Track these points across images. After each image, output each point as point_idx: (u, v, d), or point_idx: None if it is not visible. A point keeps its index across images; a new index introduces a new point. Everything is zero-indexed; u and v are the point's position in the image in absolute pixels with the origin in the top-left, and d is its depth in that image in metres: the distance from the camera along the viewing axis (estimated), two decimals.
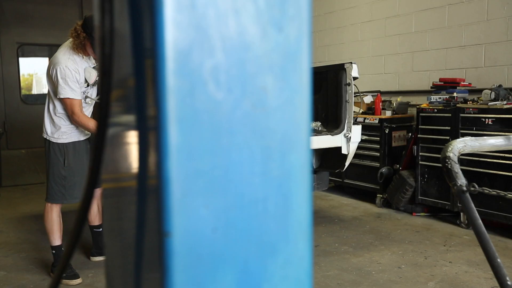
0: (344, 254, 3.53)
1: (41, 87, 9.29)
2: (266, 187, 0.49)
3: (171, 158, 0.44)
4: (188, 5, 0.43)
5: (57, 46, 9.76)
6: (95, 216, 3.44)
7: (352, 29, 6.12)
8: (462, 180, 1.44)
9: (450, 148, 1.49)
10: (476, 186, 1.43)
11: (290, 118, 0.49)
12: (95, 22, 0.51)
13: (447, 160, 1.46)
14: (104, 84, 0.52)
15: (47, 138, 3.03)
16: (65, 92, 2.87)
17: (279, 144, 0.49)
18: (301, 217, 0.51)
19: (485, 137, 1.66)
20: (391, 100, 5.14)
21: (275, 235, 0.49)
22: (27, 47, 8.49)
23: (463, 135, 3.99)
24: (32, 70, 8.90)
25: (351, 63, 3.82)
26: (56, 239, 3.12)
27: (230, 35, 0.45)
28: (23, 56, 8.42)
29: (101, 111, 0.53)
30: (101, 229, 3.49)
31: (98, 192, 3.41)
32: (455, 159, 1.47)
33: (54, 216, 3.10)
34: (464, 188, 1.44)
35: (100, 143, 0.54)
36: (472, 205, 1.46)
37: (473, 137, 1.58)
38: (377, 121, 4.86)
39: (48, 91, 3.05)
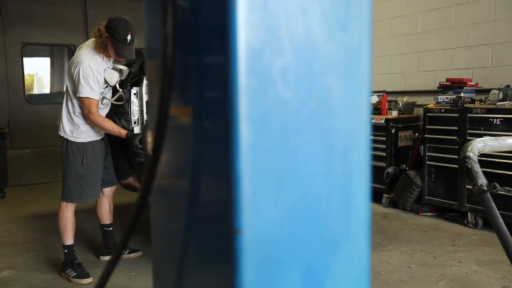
0: None
1: (41, 87, 9.29)
2: (330, 186, 0.49)
3: (242, 157, 0.45)
4: (260, 6, 0.44)
5: (61, 46, 9.80)
6: (106, 215, 3.44)
7: None
8: (482, 180, 1.45)
9: (470, 148, 1.50)
10: (498, 186, 1.43)
11: (352, 117, 0.49)
12: (162, 21, 0.51)
13: (467, 160, 1.46)
14: (166, 83, 0.52)
15: (65, 137, 3.03)
16: (85, 91, 2.88)
17: (342, 143, 0.49)
18: (362, 216, 0.51)
19: (504, 136, 1.66)
20: (397, 100, 5.15)
21: (337, 233, 0.50)
22: (28, 47, 8.48)
23: (471, 135, 4.00)
24: (33, 70, 8.89)
25: None
26: (69, 239, 3.12)
27: (298, 35, 0.46)
28: (24, 56, 8.42)
29: (161, 110, 0.54)
30: (111, 229, 3.50)
31: (111, 191, 3.42)
32: (475, 159, 1.47)
33: (69, 215, 3.10)
34: (485, 188, 1.44)
35: (158, 142, 0.55)
36: (493, 204, 1.46)
37: (492, 137, 1.58)
38: (383, 121, 4.86)
39: (67, 90, 3.05)
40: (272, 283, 0.47)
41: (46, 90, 9.16)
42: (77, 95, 2.92)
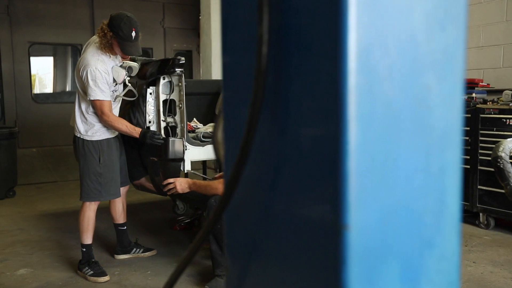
0: None
1: (43, 87, 9.29)
2: (427, 183, 0.50)
3: (351, 155, 0.45)
4: (370, 5, 0.44)
5: (68, 45, 9.80)
6: (120, 214, 3.46)
7: None
8: None
9: (501, 148, 1.50)
10: None
11: (448, 115, 0.51)
12: (257, 20, 0.52)
13: (499, 160, 1.47)
14: (259, 82, 0.53)
15: (80, 137, 3.04)
16: (95, 94, 2.88)
17: (438, 141, 0.50)
18: (454, 213, 0.52)
19: None
20: None
21: (432, 230, 0.51)
22: (31, 47, 8.48)
23: (483, 135, 4.01)
24: (35, 70, 8.90)
25: None
26: (89, 238, 3.14)
27: (403, 35, 0.47)
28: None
29: (253, 108, 0.55)
30: (125, 228, 3.51)
31: (124, 190, 3.43)
32: (507, 159, 1.48)
33: (91, 215, 3.11)
34: None
35: (247, 141, 0.56)
36: None
37: None
38: None
39: (78, 90, 3.06)
40: (374, 277, 0.48)
41: (47, 90, 9.15)
42: (88, 98, 2.92)
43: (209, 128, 4.41)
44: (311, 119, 0.50)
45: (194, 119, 4.33)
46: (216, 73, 7.87)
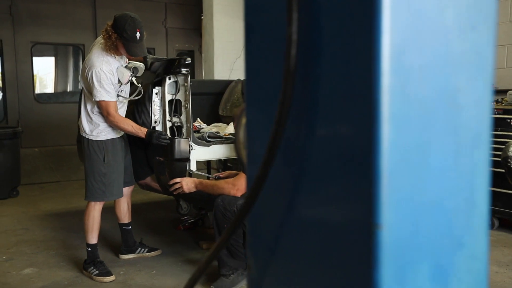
0: None
1: (43, 87, 9.29)
2: (458, 182, 0.51)
3: (384, 154, 0.46)
4: (404, 4, 0.45)
5: (70, 45, 9.80)
6: (124, 214, 3.46)
7: None
8: None
9: (511, 148, 1.51)
10: None
11: (478, 115, 0.51)
12: (287, 20, 0.52)
13: (509, 160, 1.47)
14: (287, 83, 0.53)
15: (86, 137, 3.04)
16: (100, 95, 2.88)
17: (469, 140, 0.50)
18: (483, 212, 0.52)
19: None
20: None
21: (462, 230, 0.51)
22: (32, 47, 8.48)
23: None
24: (36, 70, 8.90)
25: None
26: (94, 238, 3.14)
27: (435, 35, 0.47)
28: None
29: (281, 109, 0.55)
30: (130, 227, 3.51)
31: (129, 190, 3.43)
32: None
33: (96, 215, 3.11)
34: None
35: (275, 141, 0.56)
36: None
37: None
38: None
39: (84, 91, 3.06)
40: (406, 276, 0.48)
41: (47, 90, 9.14)
42: (93, 99, 2.92)
43: (213, 128, 4.41)
44: (341, 119, 0.50)
45: (198, 119, 4.33)
46: (219, 73, 7.86)
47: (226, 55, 7.81)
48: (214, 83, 6.16)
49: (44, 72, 9.15)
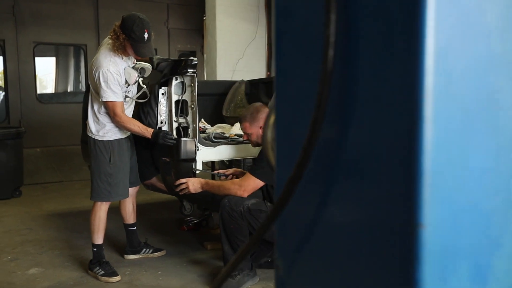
0: None
1: (43, 88, 9.30)
2: (496, 183, 0.51)
3: (427, 154, 0.46)
4: (448, 5, 0.45)
5: (72, 45, 9.77)
6: (130, 215, 3.46)
7: None
8: None
9: None
10: None
11: None
12: (324, 21, 0.53)
13: None
14: (324, 85, 0.54)
15: (92, 137, 3.05)
16: (107, 95, 2.88)
17: (508, 142, 0.51)
18: None
19: None
20: None
21: (500, 230, 0.51)
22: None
23: None
24: (37, 70, 8.89)
25: None
26: (100, 238, 3.14)
27: (478, 34, 0.48)
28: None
29: (318, 109, 0.55)
30: (135, 228, 3.52)
31: (134, 190, 3.43)
32: None
33: (102, 215, 3.12)
34: None
35: (311, 142, 0.56)
36: None
37: None
38: None
39: (91, 90, 3.07)
40: (446, 276, 0.48)
41: (47, 90, 9.14)
42: (100, 99, 2.93)
43: (217, 129, 4.41)
44: (381, 120, 0.50)
45: (202, 119, 4.34)
46: (221, 74, 7.86)
47: (229, 56, 7.82)
48: (217, 84, 6.16)
49: (46, 72, 9.15)
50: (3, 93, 8.39)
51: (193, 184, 2.94)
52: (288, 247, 0.67)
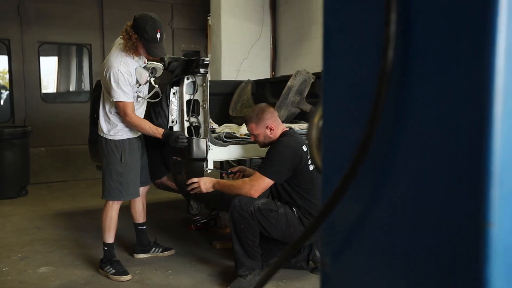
0: None
1: (46, 87, 9.30)
2: None
3: (496, 151, 0.46)
4: None
5: (77, 45, 9.75)
6: (139, 214, 3.46)
7: None
8: None
9: None
10: None
11: None
12: (384, 20, 0.53)
13: None
14: (382, 85, 0.54)
15: (104, 136, 3.05)
16: (117, 95, 2.89)
17: None
18: None
19: None
20: None
21: None
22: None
23: None
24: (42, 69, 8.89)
25: None
26: (111, 237, 3.14)
27: None
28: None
29: (375, 110, 0.55)
30: (145, 227, 3.52)
31: (145, 190, 3.44)
32: None
33: (114, 214, 3.12)
34: None
35: (368, 140, 0.56)
36: None
37: None
38: None
39: (103, 91, 3.07)
40: None
41: (49, 90, 9.13)
42: (111, 100, 2.93)
43: (225, 128, 4.42)
44: (446, 119, 0.50)
45: (210, 119, 4.34)
46: (226, 74, 7.86)
47: (234, 56, 7.83)
48: (223, 83, 6.17)
49: (49, 71, 9.15)
50: (7, 92, 8.40)
51: (205, 184, 2.94)
52: (336, 244, 0.67)
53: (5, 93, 8.61)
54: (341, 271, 0.67)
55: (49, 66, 9.10)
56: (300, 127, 4.18)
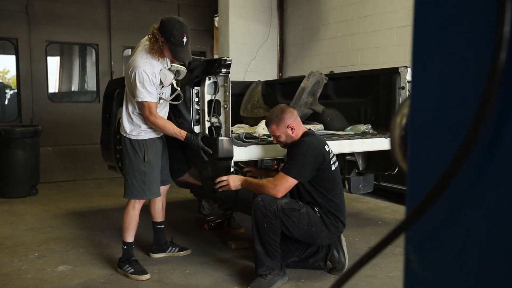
0: (400, 255, 3.56)
1: (53, 87, 9.29)
2: None
3: None
4: None
5: (84, 45, 9.74)
6: (158, 213, 3.48)
7: (388, 33, 6.16)
8: None
9: None
10: None
11: None
12: (496, 19, 0.54)
13: None
14: (493, 87, 0.56)
15: (127, 136, 3.06)
16: (142, 96, 2.90)
17: None
18: None
19: None
20: None
21: None
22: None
23: None
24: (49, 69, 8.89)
25: (406, 67, 3.85)
26: (131, 236, 3.15)
27: None
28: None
29: (484, 109, 0.57)
30: (163, 226, 3.53)
31: (165, 189, 3.44)
32: None
33: (135, 214, 3.13)
34: None
35: (472, 140, 0.58)
36: None
37: None
38: None
39: (126, 91, 3.09)
40: None
41: (53, 90, 9.13)
42: (136, 100, 2.95)
43: (238, 129, 4.43)
44: None
45: None
46: (233, 74, 7.84)
47: (241, 57, 7.85)
48: (233, 84, 6.16)
49: (57, 71, 9.15)
50: (11, 91, 8.40)
51: (234, 181, 2.95)
52: (425, 241, 0.69)
53: (9, 93, 8.61)
54: (430, 269, 0.69)
55: (56, 66, 9.11)
56: (314, 127, 4.19)
